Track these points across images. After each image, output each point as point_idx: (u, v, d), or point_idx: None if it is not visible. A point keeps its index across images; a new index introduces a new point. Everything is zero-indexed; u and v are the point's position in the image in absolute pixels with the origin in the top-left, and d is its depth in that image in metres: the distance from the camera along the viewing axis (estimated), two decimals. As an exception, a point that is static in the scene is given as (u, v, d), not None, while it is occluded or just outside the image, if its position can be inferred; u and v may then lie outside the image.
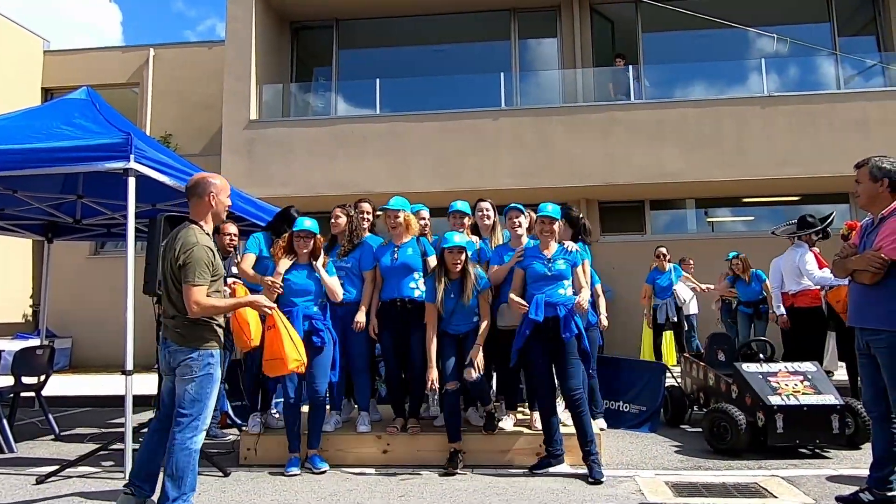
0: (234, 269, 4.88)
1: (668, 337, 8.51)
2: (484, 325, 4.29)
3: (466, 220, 4.80)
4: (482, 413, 4.64)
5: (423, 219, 5.01)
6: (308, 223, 4.35)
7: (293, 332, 3.96)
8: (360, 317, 4.53)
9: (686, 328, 8.56)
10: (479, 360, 4.18)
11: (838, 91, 10.30)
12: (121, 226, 6.57)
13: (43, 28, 24.36)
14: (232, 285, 4.33)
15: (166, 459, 3.12)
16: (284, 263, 4.31)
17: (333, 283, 4.41)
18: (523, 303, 4.11)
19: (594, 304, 5.22)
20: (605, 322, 5.28)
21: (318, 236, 4.41)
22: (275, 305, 3.78)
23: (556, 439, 4.18)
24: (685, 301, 8.27)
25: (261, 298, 3.58)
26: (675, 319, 8.20)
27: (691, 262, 8.94)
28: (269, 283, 4.24)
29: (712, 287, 8.34)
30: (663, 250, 8.24)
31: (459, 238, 4.31)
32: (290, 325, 3.98)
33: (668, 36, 11.61)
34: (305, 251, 4.32)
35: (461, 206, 4.83)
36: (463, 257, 4.25)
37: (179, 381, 3.17)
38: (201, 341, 3.17)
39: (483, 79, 11.28)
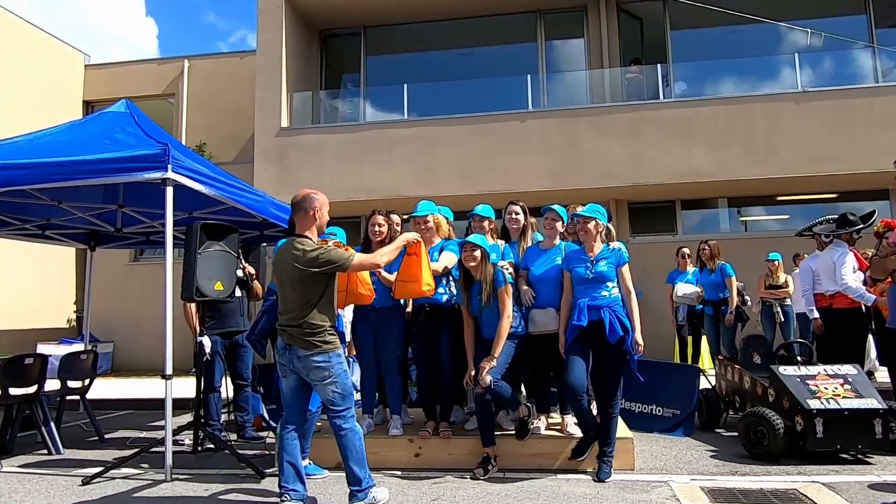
0: (240, 273, 5.02)
1: (690, 341, 8.31)
2: (502, 324, 4.17)
3: (487, 224, 4.72)
4: (514, 417, 4.66)
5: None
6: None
7: (428, 261, 4.27)
8: None
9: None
10: (488, 368, 4.09)
11: (876, 84, 10.01)
12: (159, 233, 6.78)
13: (83, 43, 25.33)
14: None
15: (343, 452, 3.50)
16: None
17: None
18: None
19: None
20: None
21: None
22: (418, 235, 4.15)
23: (591, 421, 4.19)
24: (689, 301, 7.73)
25: (406, 234, 4.02)
26: (683, 321, 7.79)
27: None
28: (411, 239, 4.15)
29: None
30: (686, 250, 7.94)
31: (475, 237, 4.29)
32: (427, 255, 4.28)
33: (698, 33, 11.43)
34: None
35: (481, 210, 4.77)
36: (477, 254, 4.19)
37: (321, 386, 3.51)
38: (327, 344, 3.50)
39: (510, 81, 11.28)
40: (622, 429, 4.55)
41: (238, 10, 54.37)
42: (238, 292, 5.32)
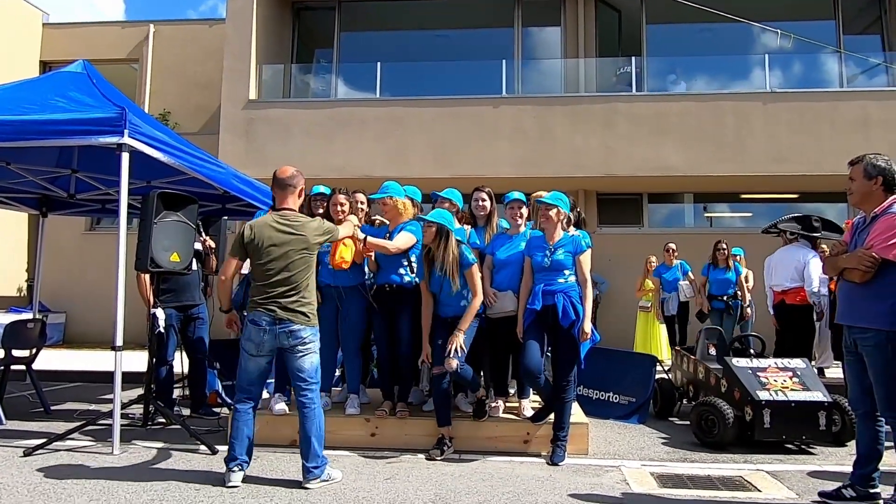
0: (198, 246, 4.93)
1: (659, 328, 8.61)
2: (473, 302, 4.19)
3: (448, 206, 4.69)
4: (471, 400, 4.67)
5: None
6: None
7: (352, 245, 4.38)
8: None
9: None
10: (458, 345, 4.08)
11: (841, 89, 10.27)
12: (115, 202, 6.51)
13: (44, 2, 24.06)
14: None
15: (308, 425, 3.57)
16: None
17: None
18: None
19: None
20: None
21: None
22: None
23: (549, 392, 4.28)
24: (689, 297, 8.35)
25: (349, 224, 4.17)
26: (674, 312, 8.36)
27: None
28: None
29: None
30: (672, 246, 8.46)
31: (434, 213, 4.28)
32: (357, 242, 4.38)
33: (673, 28, 11.54)
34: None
35: (445, 192, 4.79)
36: (432, 230, 4.17)
37: (303, 358, 3.60)
38: (315, 317, 3.66)
39: (485, 65, 11.23)
40: (578, 414, 4.61)
41: (210, -23, 52.78)
42: (195, 265, 5.18)
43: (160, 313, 4.93)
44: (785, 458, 4.36)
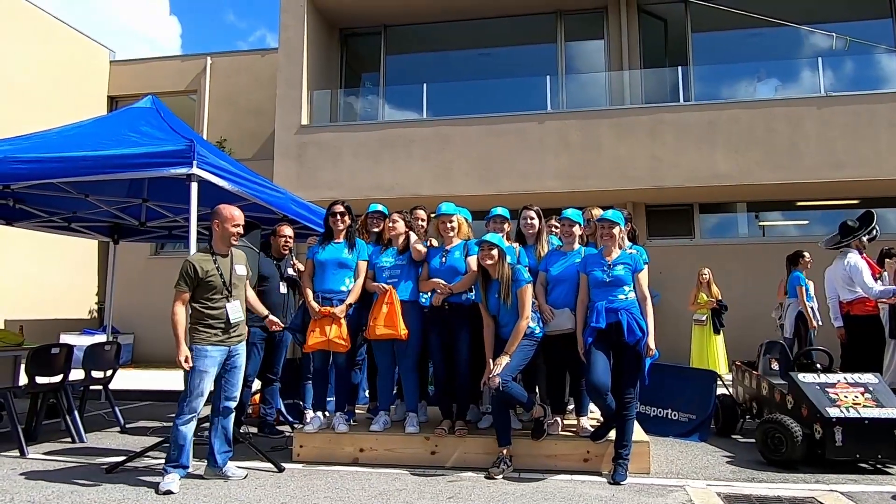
0: (290, 271, 5.00)
1: (715, 342, 8.39)
2: (519, 324, 4.22)
3: (506, 227, 4.80)
4: (522, 417, 4.68)
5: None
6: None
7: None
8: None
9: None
10: (500, 366, 4.14)
11: (901, 90, 9.86)
12: (181, 228, 6.89)
13: (109, 39, 25.61)
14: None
15: None
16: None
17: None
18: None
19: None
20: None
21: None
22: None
23: (613, 409, 4.22)
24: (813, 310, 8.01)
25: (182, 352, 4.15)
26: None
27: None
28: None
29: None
30: (807, 255, 7.95)
31: (492, 236, 4.35)
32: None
33: (719, 36, 11.36)
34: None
35: (501, 211, 4.86)
36: (494, 253, 4.25)
37: None
38: (196, 337, 4.13)
39: (529, 82, 11.29)
40: (638, 432, 4.56)
41: (257, 9, 54.89)
42: (284, 289, 5.34)
43: None
44: (859, 478, 4.20)
